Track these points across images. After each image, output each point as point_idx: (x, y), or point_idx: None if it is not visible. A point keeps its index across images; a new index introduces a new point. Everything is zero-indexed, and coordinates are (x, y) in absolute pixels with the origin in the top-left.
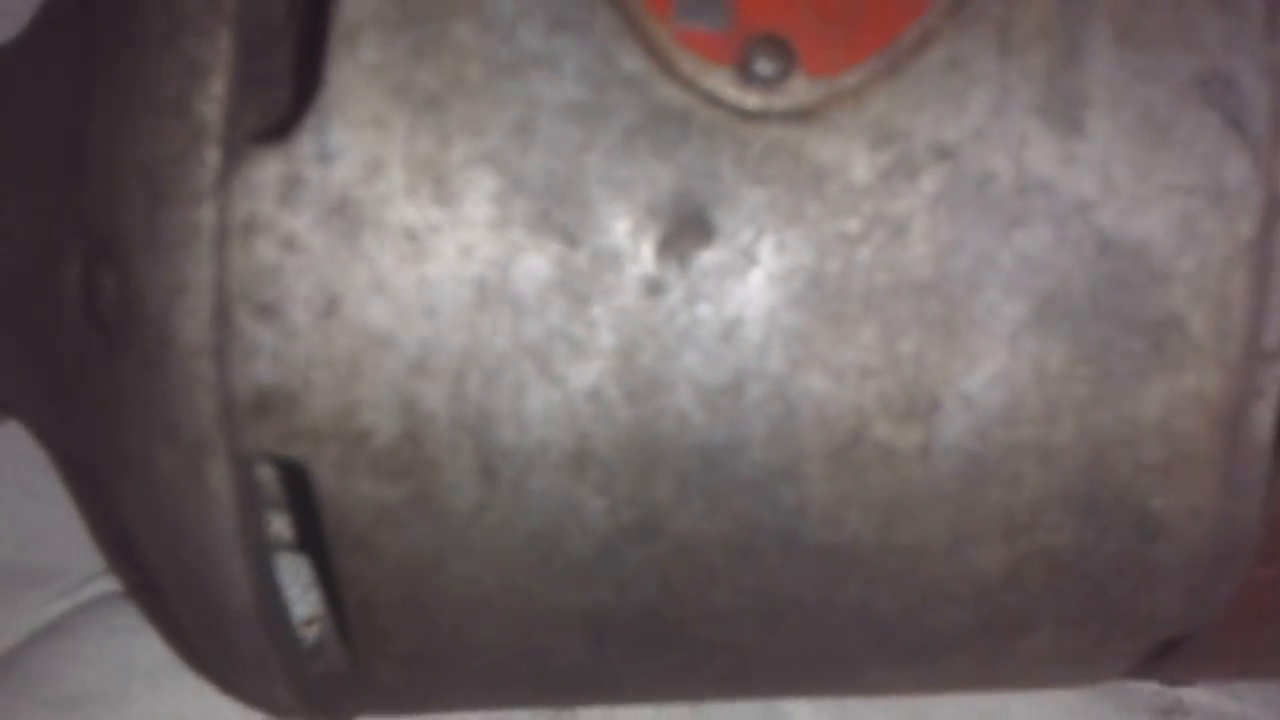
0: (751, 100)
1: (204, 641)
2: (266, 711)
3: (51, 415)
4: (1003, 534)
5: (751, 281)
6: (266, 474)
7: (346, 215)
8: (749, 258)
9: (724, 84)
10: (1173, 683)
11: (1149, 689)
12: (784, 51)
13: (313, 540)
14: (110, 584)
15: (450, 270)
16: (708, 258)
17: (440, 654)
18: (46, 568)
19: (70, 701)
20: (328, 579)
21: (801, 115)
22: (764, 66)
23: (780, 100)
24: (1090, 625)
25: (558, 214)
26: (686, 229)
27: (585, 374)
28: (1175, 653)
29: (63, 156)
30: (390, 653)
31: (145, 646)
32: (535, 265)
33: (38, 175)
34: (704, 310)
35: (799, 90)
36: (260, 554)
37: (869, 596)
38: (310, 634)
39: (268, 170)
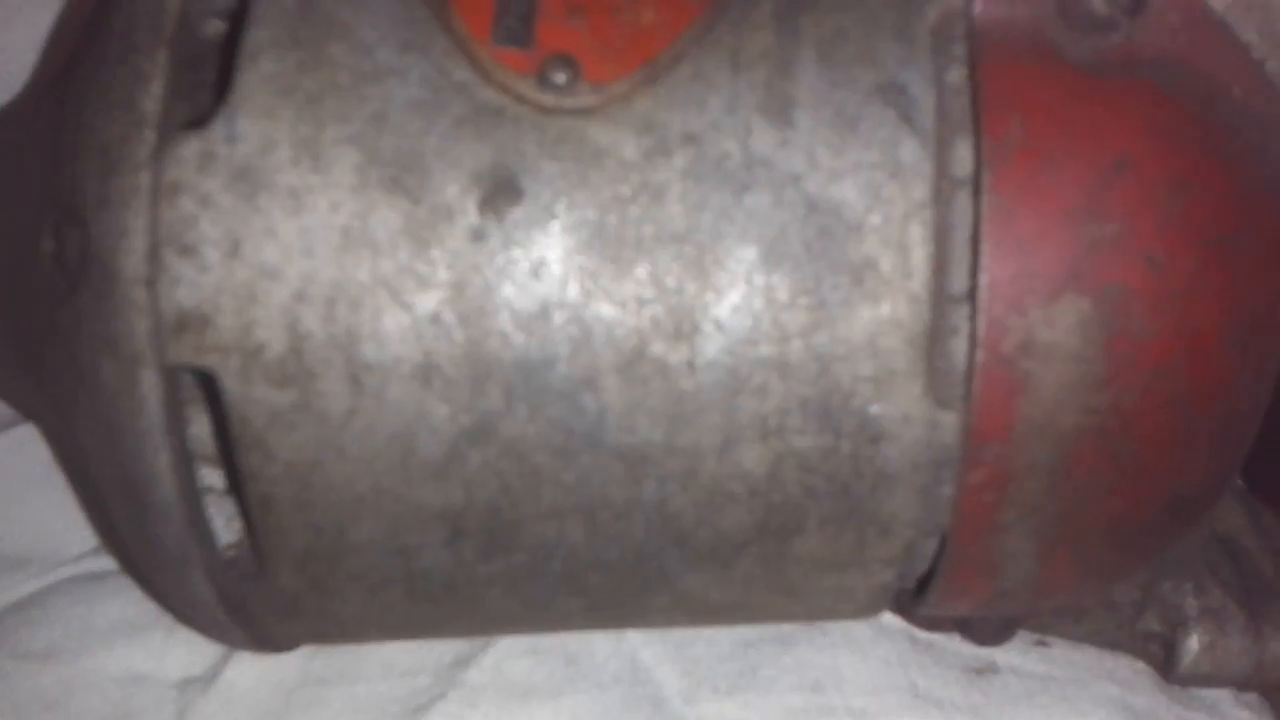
0: (548, 100)
1: (132, 539)
2: (189, 619)
3: (22, 374)
4: (760, 436)
5: (551, 230)
6: (189, 386)
7: (247, 180)
8: (549, 212)
9: (528, 88)
10: (982, 639)
11: (967, 650)
12: (572, 66)
13: (226, 450)
14: (75, 569)
15: (323, 220)
16: (518, 213)
17: (328, 552)
18: (18, 556)
19: (37, 655)
20: (237, 483)
21: (585, 111)
22: (557, 76)
23: (569, 101)
24: (846, 526)
25: (404, 179)
26: (501, 191)
27: (427, 302)
28: (936, 575)
29: (46, 158)
30: (286, 550)
31: (101, 613)
32: (387, 216)
33: (22, 179)
34: (517, 253)
35: (583, 94)
36: (182, 454)
37: (664, 495)
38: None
39: (190, 147)
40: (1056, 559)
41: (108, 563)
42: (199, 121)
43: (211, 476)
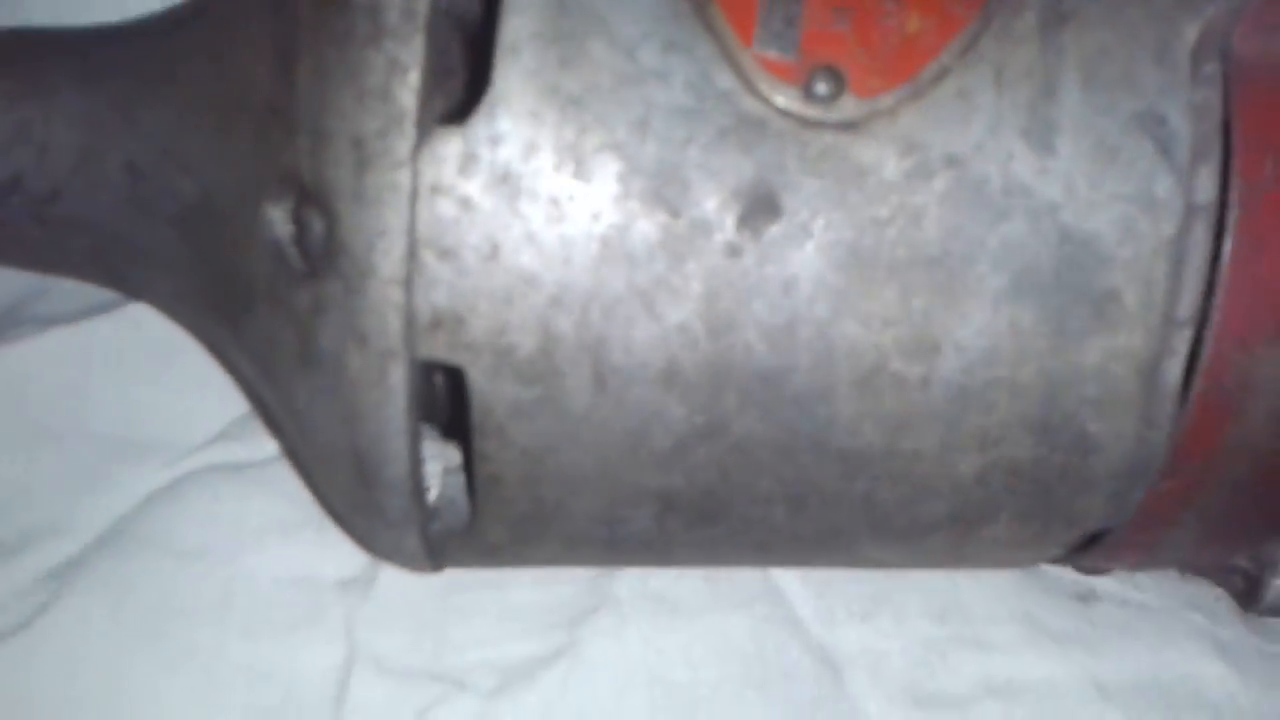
0: (812, 113)
1: (356, 503)
2: (389, 558)
3: (216, 313)
4: (978, 446)
5: (806, 250)
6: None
7: (508, 184)
8: (806, 231)
9: (792, 100)
10: (1091, 571)
11: (1069, 577)
12: (837, 77)
13: (459, 429)
14: (207, 457)
15: (583, 229)
16: (775, 230)
17: (542, 519)
18: (150, 442)
19: (191, 554)
20: (468, 459)
21: (849, 126)
22: (822, 88)
23: (833, 114)
24: (1036, 518)
25: (664, 191)
26: (760, 208)
27: (678, 313)
28: (1095, 546)
29: (261, 113)
30: (504, 516)
31: (250, 510)
32: (646, 229)
33: (232, 123)
34: (770, 270)
35: (848, 107)
36: (417, 437)
37: (873, 489)
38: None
39: (450, 147)
40: (1212, 543)
41: (238, 450)
42: (456, 114)
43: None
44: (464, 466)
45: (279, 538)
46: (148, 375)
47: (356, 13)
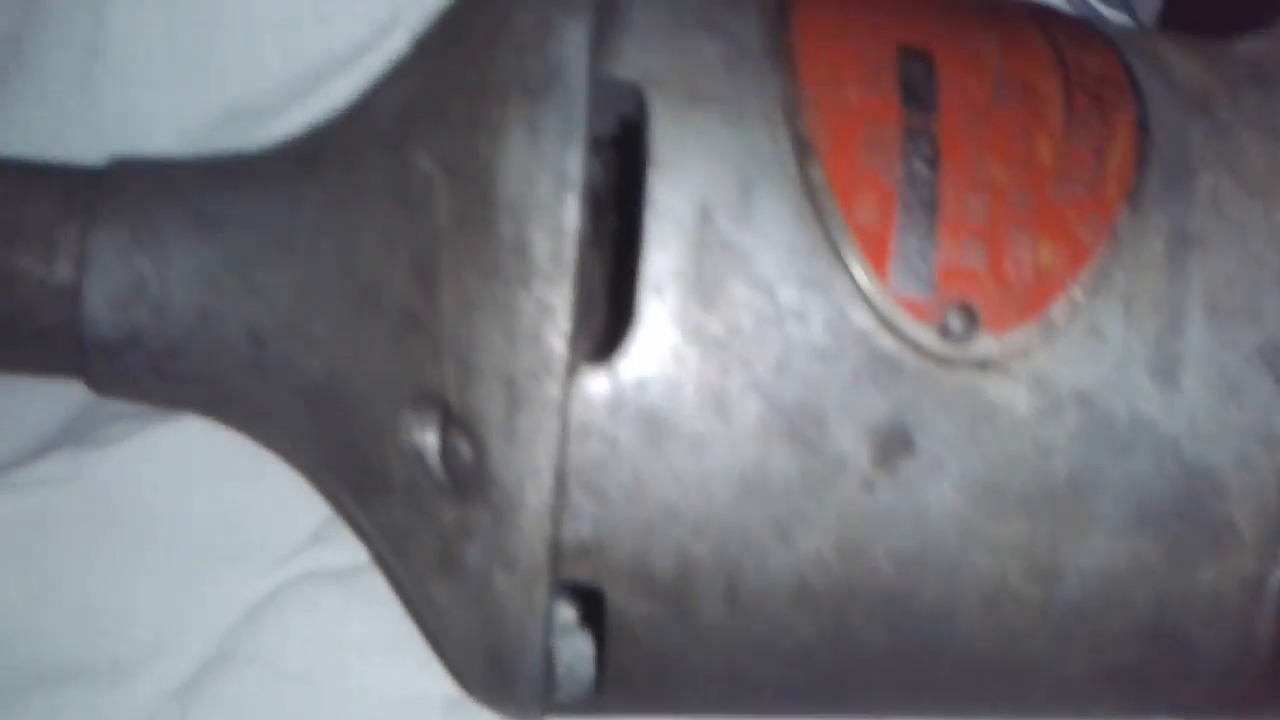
0: (947, 351)
1: (487, 686)
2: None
3: (342, 483)
4: (1087, 651)
5: (940, 484)
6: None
7: (653, 425)
8: (939, 467)
9: (927, 338)
10: None
11: None
12: (971, 314)
13: (594, 624)
14: (305, 563)
15: (723, 465)
16: (910, 466)
17: (661, 701)
18: (247, 546)
19: (299, 675)
20: (601, 654)
21: (983, 364)
22: (957, 325)
23: (968, 352)
24: (1134, 706)
25: (803, 429)
26: (895, 445)
27: (811, 540)
28: None
29: (397, 318)
30: (624, 696)
31: (352, 622)
32: (784, 466)
33: (363, 316)
34: (904, 503)
35: (982, 345)
36: (550, 634)
37: (984, 684)
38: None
39: (598, 388)
40: None
41: (334, 556)
42: (603, 354)
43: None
44: (583, 620)
45: (384, 655)
46: (243, 473)
47: (504, 248)
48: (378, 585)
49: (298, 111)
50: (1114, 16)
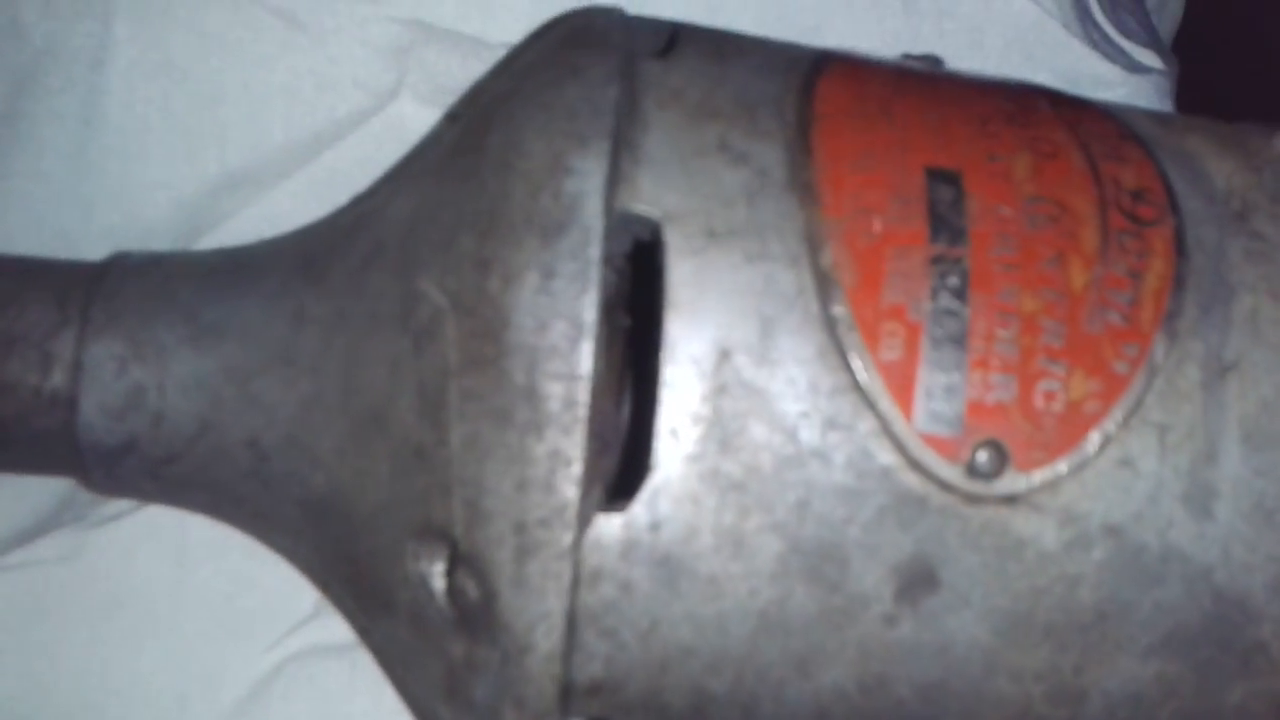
0: (974, 489)
1: None
2: None
3: (344, 594)
4: None
5: (964, 617)
6: None
7: (668, 567)
8: (964, 601)
9: (954, 476)
10: None
11: None
12: (1000, 452)
13: None
14: (306, 636)
15: (740, 604)
16: (933, 601)
17: None
18: (249, 619)
19: None
20: None
21: (1010, 499)
22: (984, 463)
23: (995, 489)
24: None
25: (823, 568)
26: (919, 582)
27: (831, 674)
28: None
29: (403, 449)
30: None
31: (357, 699)
32: (804, 604)
33: (368, 440)
34: (927, 636)
35: (1009, 481)
36: None
37: None
38: None
39: (612, 533)
40: None
41: (334, 629)
42: (615, 499)
43: None
44: None
45: None
46: (243, 548)
47: (515, 393)
48: None
49: (300, 178)
50: (1133, 29)
